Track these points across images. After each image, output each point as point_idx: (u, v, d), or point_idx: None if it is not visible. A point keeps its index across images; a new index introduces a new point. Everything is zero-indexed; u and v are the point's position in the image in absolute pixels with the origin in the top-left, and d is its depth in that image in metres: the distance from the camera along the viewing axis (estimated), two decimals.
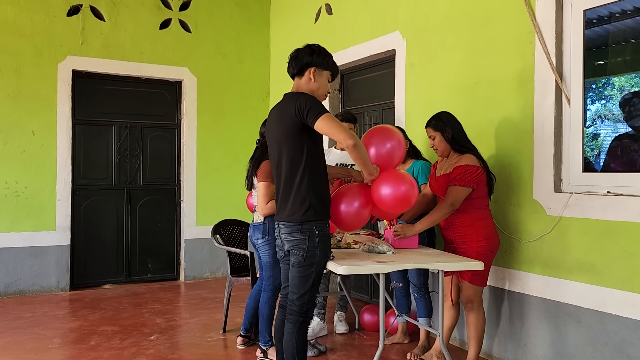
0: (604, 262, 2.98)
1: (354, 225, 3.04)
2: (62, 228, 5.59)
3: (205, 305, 5.15)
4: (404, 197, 2.90)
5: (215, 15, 6.34)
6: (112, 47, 5.82)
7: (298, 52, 2.81)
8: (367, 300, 5.07)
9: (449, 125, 3.28)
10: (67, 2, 5.61)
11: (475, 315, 3.25)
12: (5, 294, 5.37)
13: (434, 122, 3.33)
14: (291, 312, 2.75)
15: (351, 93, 5.45)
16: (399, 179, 2.94)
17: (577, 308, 3.10)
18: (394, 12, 4.58)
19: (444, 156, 3.37)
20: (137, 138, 6.11)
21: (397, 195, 2.89)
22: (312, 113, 2.59)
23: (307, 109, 2.60)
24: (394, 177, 2.95)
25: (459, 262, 3.01)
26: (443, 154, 3.35)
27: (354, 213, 2.94)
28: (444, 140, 3.29)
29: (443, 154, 3.35)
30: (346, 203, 2.92)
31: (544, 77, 3.31)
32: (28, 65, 5.45)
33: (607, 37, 3.37)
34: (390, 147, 3.02)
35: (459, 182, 3.13)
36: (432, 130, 3.33)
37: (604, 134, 3.37)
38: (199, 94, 6.26)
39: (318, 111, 2.59)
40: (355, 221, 2.99)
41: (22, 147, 5.43)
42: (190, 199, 6.23)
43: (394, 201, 2.91)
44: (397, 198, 2.89)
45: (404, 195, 2.90)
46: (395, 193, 2.88)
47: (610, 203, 2.94)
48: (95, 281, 5.90)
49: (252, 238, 3.66)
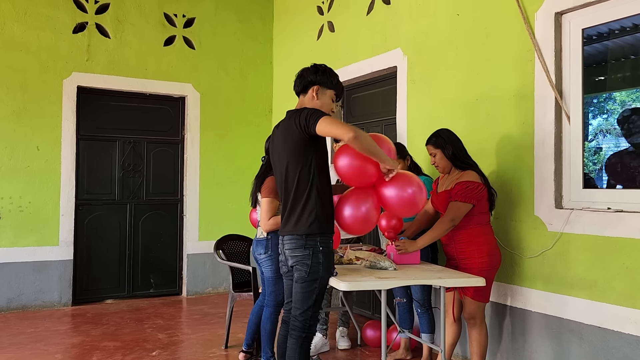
0: (605, 279, 2.99)
1: (361, 229, 3.01)
2: (65, 243, 5.61)
3: (207, 321, 5.14)
4: (410, 200, 2.87)
5: (219, 33, 6.43)
6: (116, 63, 5.89)
7: (303, 71, 2.86)
8: (369, 316, 5.06)
9: (449, 142, 3.32)
10: (73, 20, 5.70)
11: (478, 331, 3.25)
12: (7, 309, 5.37)
13: (434, 140, 3.37)
14: (294, 328, 2.76)
15: (353, 109, 5.50)
16: (407, 181, 2.90)
17: (579, 324, 3.11)
18: (396, 29, 4.65)
19: (445, 173, 3.40)
20: (140, 153, 6.16)
21: (404, 197, 2.86)
22: (312, 119, 2.62)
23: (308, 117, 2.64)
24: (403, 179, 2.90)
25: (461, 278, 3.02)
26: (444, 170, 3.38)
27: (361, 216, 2.90)
28: (444, 157, 3.32)
29: (444, 171, 3.38)
30: (353, 206, 2.89)
31: (543, 94, 3.35)
32: (34, 81, 5.52)
33: (606, 54, 3.41)
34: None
35: (460, 197, 3.16)
36: (432, 148, 3.37)
37: (606, 149, 3.40)
38: (202, 110, 6.32)
39: (317, 115, 2.62)
40: (363, 225, 2.97)
41: (27, 162, 5.48)
42: (193, 214, 6.26)
43: (401, 204, 2.88)
44: (404, 200, 2.86)
45: (410, 198, 2.86)
46: (402, 195, 2.85)
47: (611, 219, 2.96)
48: (98, 296, 5.90)
49: (254, 253, 3.68)
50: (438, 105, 4.18)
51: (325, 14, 5.68)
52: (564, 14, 3.31)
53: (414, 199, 2.88)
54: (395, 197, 2.87)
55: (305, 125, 2.64)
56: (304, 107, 2.80)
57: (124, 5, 5.93)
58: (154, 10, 6.08)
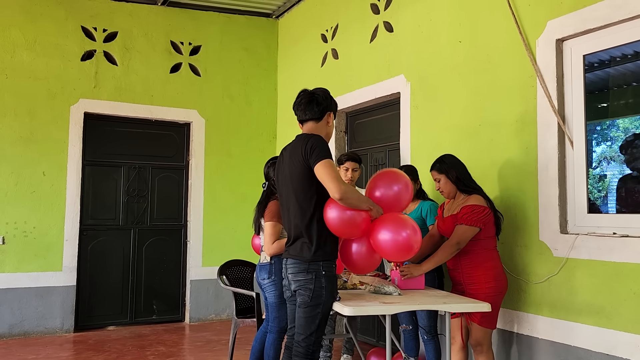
0: (612, 305, 2.95)
1: (365, 268, 3.01)
2: (69, 268, 5.60)
3: (210, 348, 5.08)
4: (405, 244, 2.80)
5: (225, 60, 6.52)
6: (123, 90, 5.98)
7: (316, 97, 2.88)
8: (373, 343, 4.99)
9: (452, 167, 3.33)
10: (82, 48, 5.80)
11: (485, 358, 3.20)
12: (10, 335, 5.33)
13: (438, 165, 3.38)
14: (297, 354, 2.73)
15: (357, 135, 5.53)
16: (400, 223, 2.83)
17: (587, 352, 3.05)
18: (399, 56, 4.71)
19: (450, 197, 3.40)
20: (145, 179, 6.19)
21: (398, 241, 2.80)
22: (315, 155, 2.66)
23: (313, 150, 2.67)
24: (395, 221, 2.84)
25: (466, 304, 2.98)
26: (449, 195, 3.38)
27: (364, 256, 2.92)
28: (449, 181, 3.32)
29: (449, 196, 3.38)
30: (357, 245, 2.90)
31: (546, 119, 3.37)
32: (41, 107, 5.59)
33: (608, 80, 3.44)
34: (398, 190, 2.97)
35: (465, 221, 3.15)
36: (436, 173, 3.38)
37: (610, 176, 3.40)
38: (207, 136, 6.37)
39: (322, 155, 2.66)
40: (366, 264, 2.97)
41: (33, 188, 5.51)
42: (197, 240, 6.25)
43: (395, 248, 2.82)
44: (398, 244, 2.80)
45: (405, 242, 2.80)
46: (396, 239, 2.80)
47: (617, 244, 2.94)
48: (100, 322, 5.86)
49: (258, 278, 3.66)
50: (441, 131, 4.21)
51: (329, 41, 5.77)
52: (564, 41, 3.35)
53: (408, 241, 2.81)
54: (390, 240, 2.80)
55: (308, 156, 2.68)
56: (308, 134, 2.84)
57: (132, 34, 6.04)
58: (160, 39, 6.19)
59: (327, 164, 2.65)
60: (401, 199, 2.99)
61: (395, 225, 2.82)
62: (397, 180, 3.00)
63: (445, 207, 3.47)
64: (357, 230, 2.80)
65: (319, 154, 2.66)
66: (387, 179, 3.01)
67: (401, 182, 2.99)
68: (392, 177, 3.02)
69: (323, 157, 2.66)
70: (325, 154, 2.67)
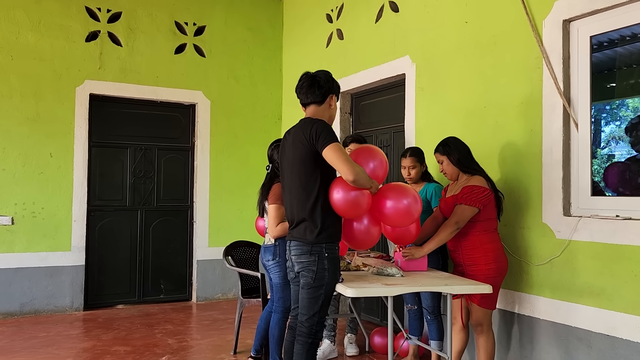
0: (614, 286, 2.97)
1: (364, 243, 3.07)
2: (77, 248, 5.68)
3: (216, 326, 5.17)
4: (406, 211, 2.94)
5: (229, 41, 6.49)
6: (128, 71, 5.97)
7: (318, 79, 2.87)
8: (377, 323, 5.06)
9: (455, 149, 3.37)
10: (86, 28, 5.79)
11: (485, 338, 3.25)
12: (20, 314, 5.44)
13: (441, 148, 3.43)
14: (300, 334, 2.78)
15: (362, 116, 5.52)
16: (402, 192, 2.97)
17: (588, 332, 3.09)
18: (404, 37, 4.67)
19: (453, 179, 3.44)
20: (151, 160, 6.22)
21: (399, 208, 2.93)
22: (322, 140, 2.67)
23: (319, 135, 2.68)
24: (397, 190, 2.98)
25: (468, 285, 3.02)
26: (452, 177, 3.42)
27: (364, 231, 2.98)
28: (451, 163, 3.37)
29: (452, 177, 3.42)
30: (358, 221, 2.97)
31: (551, 101, 3.35)
32: (47, 89, 5.61)
33: (615, 60, 3.40)
34: (373, 167, 3.01)
35: (465, 201, 3.18)
36: (439, 155, 3.43)
37: (619, 156, 3.38)
38: (213, 117, 6.38)
39: (328, 139, 2.67)
40: (365, 239, 3.03)
41: (40, 169, 5.56)
42: (203, 221, 6.30)
43: (397, 214, 2.94)
44: (399, 211, 2.93)
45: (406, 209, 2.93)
46: (397, 206, 2.93)
47: (619, 227, 2.95)
48: (109, 301, 5.96)
49: (263, 259, 3.71)
50: (446, 113, 4.20)
51: (334, 21, 5.72)
52: (572, 22, 3.31)
53: (409, 209, 2.94)
54: (391, 208, 2.93)
55: (314, 141, 2.69)
56: (318, 117, 2.84)
57: (136, 14, 6.01)
58: (165, 19, 6.16)
59: (336, 147, 2.67)
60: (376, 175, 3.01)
61: (398, 193, 2.95)
62: (373, 157, 3.05)
63: (448, 189, 3.49)
64: (362, 210, 2.87)
65: (325, 138, 2.67)
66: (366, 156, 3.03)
67: (377, 158, 3.04)
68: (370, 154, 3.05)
69: (330, 140, 2.67)
70: (332, 138, 2.68)
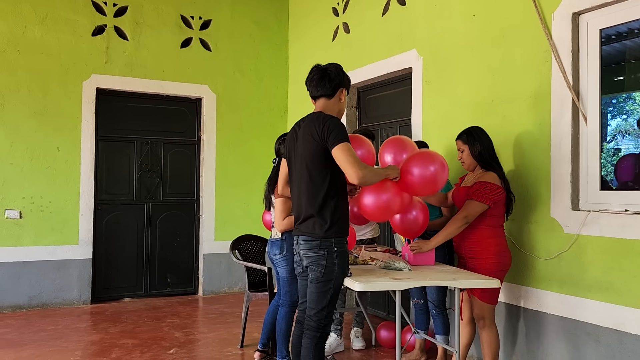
0: (622, 281, 2.96)
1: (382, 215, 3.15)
2: (85, 242, 5.71)
3: (223, 320, 5.19)
4: (432, 178, 3.03)
5: (235, 34, 6.48)
6: (134, 65, 5.98)
7: (328, 72, 2.86)
8: (383, 317, 5.07)
9: (478, 140, 3.32)
10: (92, 23, 5.79)
11: (488, 332, 3.24)
12: (29, 307, 5.48)
13: (464, 136, 3.38)
14: (309, 328, 2.78)
15: (368, 110, 5.51)
16: (430, 158, 3.08)
17: (596, 327, 3.08)
18: (411, 30, 4.65)
19: (469, 170, 3.41)
20: (157, 154, 6.23)
21: (426, 175, 3.02)
22: (333, 138, 2.66)
23: (330, 132, 2.68)
24: (426, 156, 3.09)
25: (475, 280, 3.01)
26: (469, 167, 3.40)
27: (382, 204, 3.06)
28: (470, 155, 3.33)
29: (469, 168, 3.40)
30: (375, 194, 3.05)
31: (560, 95, 3.33)
32: (54, 83, 5.62)
33: (624, 54, 3.37)
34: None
35: (476, 196, 3.17)
36: (461, 143, 3.39)
37: (625, 150, 3.36)
38: (219, 111, 6.38)
39: (339, 138, 2.66)
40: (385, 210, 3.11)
41: (47, 163, 5.58)
42: (209, 214, 6.32)
43: (423, 182, 3.03)
44: (426, 179, 3.03)
45: (432, 176, 3.03)
46: (424, 174, 3.02)
47: (628, 221, 2.93)
48: (116, 295, 5.99)
49: (269, 253, 3.71)
50: (453, 107, 4.18)
51: (340, 15, 5.70)
52: (581, 14, 3.28)
53: (435, 176, 3.05)
54: (419, 175, 3.03)
55: (326, 138, 2.68)
56: (328, 111, 2.85)
57: (142, 8, 6.01)
58: (171, 13, 6.15)
59: (345, 148, 2.65)
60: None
61: (425, 159, 3.08)
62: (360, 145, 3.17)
63: (465, 178, 3.47)
64: (392, 213, 3.12)
65: (336, 136, 2.66)
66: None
67: (364, 147, 3.18)
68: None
69: (341, 140, 2.66)
70: (342, 137, 2.67)
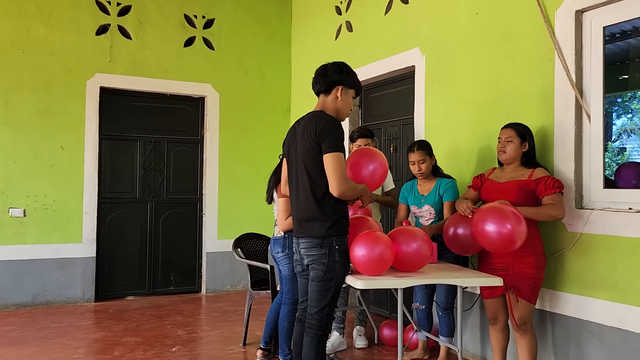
0: (626, 280, 2.95)
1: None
2: (88, 240, 5.73)
3: (226, 318, 5.20)
4: (510, 236, 2.88)
5: (238, 33, 6.49)
6: (138, 64, 5.99)
7: (326, 70, 2.84)
8: (386, 315, 5.07)
9: (530, 138, 3.22)
10: (96, 22, 5.81)
11: (530, 337, 3.10)
12: (33, 305, 5.50)
13: (520, 128, 3.23)
14: (310, 326, 2.78)
15: (371, 109, 5.50)
16: (502, 215, 2.90)
17: (600, 326, 3.07)
18: (414, 29, 4.64)
19: (507, 163, 3.24)
20: (161, 153, 6.25)
21: (503, 233, 2.88)
22: (327, 144, 2.65)
23: (326, 137, 2.65)
24: (498, 212, 2.92)
25: (478, 278, 3.01)
26: (507, 160, 3.23)
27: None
28: (519, 149, 3.19)
29: (507, 161, 3.23)
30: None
31: (564, 93, 3.32)
32: (58, 82, 5.64)
33: (629, 52, 3.36)
34: (372, 168, 2.99)
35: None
36: (514, 135, 3.21)
37: (630, 149, 3.35)
38: (222, 110, 6.39)
39: (333, 147, 2.65)
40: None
41: (51, 162, 5.60)
42: (212, 213, 6.33)
43: (500, 240, 2.91)
44: (503, 237, 2.89)
45: (510, 234, 2.87)
46: (501, 231, 2.88)
47: (632, 220, 2.92)
48: (119, 293, 6.01)
49: (272, 252, 3.72)
50: (457, 105, 4.17)
51: (343, 13, 5.69)
52: (584, 12, 3.27)
53: (512, 234, 2.88)
54: (495, 232, 2.90)
55: (321, 141, 2.67)
56: (326, 109, 2.82)
57: (145, 7, 6.02)
58: (174, 12, 6.16)
59: (337, 159, 2.64)
60: (375, 177, 2.99)
61: (499, 216, 2.91)
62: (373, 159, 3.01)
63: (493, 173, 3.33)
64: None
65: (330, 143, 2.64)
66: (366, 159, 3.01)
67: (377, 160, 3.01)
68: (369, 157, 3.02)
69: (334, 149, 2.64)
70: (336, 146, 2.65)
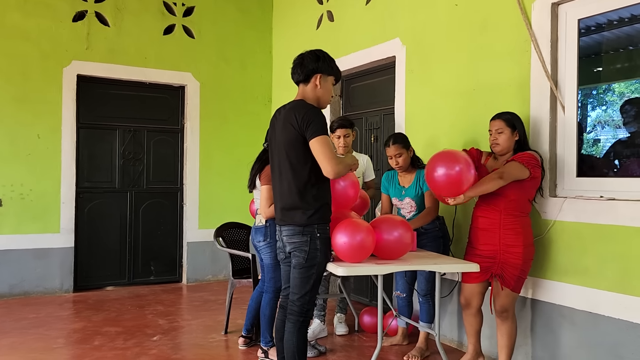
0: (597, 265, 3.05)
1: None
2: (66, 230, 5.67)
3: (207, 307, 5.22)
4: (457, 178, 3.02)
5: (219, 22, 6.44)
6: (116, 52, 5.91)
7: (303, 59, 2.86)
8: (366, 303, 5.14)
9: (522, 127, 3.24)
10: (73, 8, 5.71)
11: (510, 324, 3.20)
12: (10, 295, 5.44)
13: (509, 117, 3.23)
14: (292, 313, 2.82)
15: (352, 99, 5.53)
16: (453, 158, 3.06)
17: (571, 310, 3.17)
18: (394, 19, 4.67)
19: (501, 153, 3.26)
20: (140, 142, 6.19)
21: (451, 175, 3.01)
22: (312, 130, 2.67)
23: (309, 124, 2.67)
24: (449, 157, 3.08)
25: (456, 264, 3.08)
26: (502, 151, 3.25)
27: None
28: (510, 139, 3.21)
29: (501, 152, 3.25)
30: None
31: (539, 84, 3.40)
32: (34, 69, 5.54)
33: (602, 44, 3.44)
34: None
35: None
36: (504, 125, 3.21)
37: (604, 140, 3.44)
38: (202, 99, 6.35)
39: (317, 131, 2.67)
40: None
41: (28, 150, 5.52)
42: (193, 203, 6.31)
43: (448, 182, 3.04)
44: (451, 179, 3.01)
45: (457, 176, 3.01)
46: (449, 173, 3.02)
47: (603, 207, 3.02)
48: (99, 283, 5.97)
49: (253, 241, 3.73)
50: (436, 95, 4.22)
51: (324, 3, 5.70)
52: (560, 5, 3.34)
53: (460, 176, 3.00)
54: (443, 175, 3.02)
55: (304, 128, 2.68)
56: (306, 97, 2.84)
57: None
58: None
59: (323, 142, 2.66)
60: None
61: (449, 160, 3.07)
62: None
63: (488, 164, 3.36)
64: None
65: (314, 129, 2.66)
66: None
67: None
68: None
69: (319, 133, 2.66)
70: (321, 130, 2.67)
